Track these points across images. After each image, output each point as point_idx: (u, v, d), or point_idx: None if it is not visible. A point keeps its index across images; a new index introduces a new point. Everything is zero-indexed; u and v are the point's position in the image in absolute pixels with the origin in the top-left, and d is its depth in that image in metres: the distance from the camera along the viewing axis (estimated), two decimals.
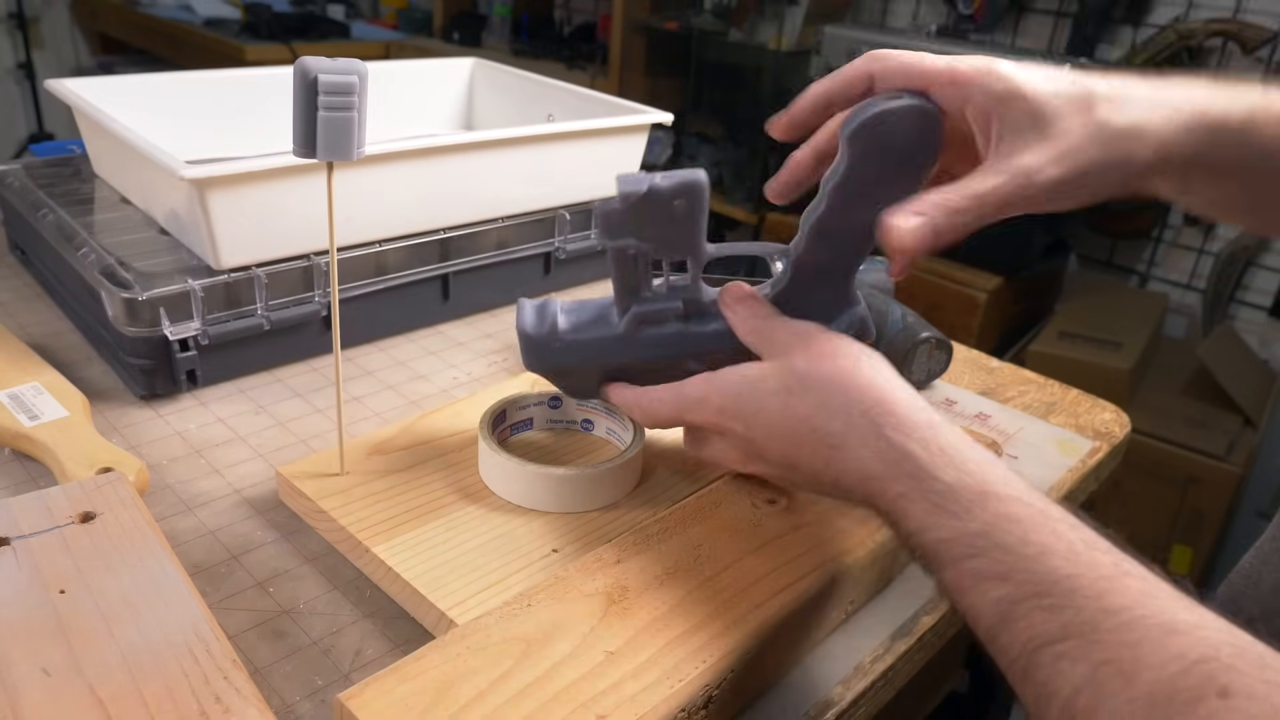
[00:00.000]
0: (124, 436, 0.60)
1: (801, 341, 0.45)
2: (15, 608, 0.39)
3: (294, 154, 0.46)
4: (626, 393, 0.51)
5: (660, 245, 0.48)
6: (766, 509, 0.50)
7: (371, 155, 0.66)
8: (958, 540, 0.36)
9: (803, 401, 0.42)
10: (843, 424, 0.41)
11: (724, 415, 0.45)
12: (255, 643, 0.45)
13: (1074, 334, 1.82)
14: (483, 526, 0.50)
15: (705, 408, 0.46)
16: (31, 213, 0.73)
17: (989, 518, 0.36)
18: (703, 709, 0.40)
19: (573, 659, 0.39)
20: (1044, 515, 0.35)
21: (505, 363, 0.73)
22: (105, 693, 0.36)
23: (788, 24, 2.31)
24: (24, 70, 3.27)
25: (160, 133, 0.67)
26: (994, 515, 0.36)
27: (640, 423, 0.51)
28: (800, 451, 0.43)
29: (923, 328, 0.72)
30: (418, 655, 0.39)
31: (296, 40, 2.69)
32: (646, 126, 0.85)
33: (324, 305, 0.68)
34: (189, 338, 0.62)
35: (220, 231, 0.62)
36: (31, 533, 0.44)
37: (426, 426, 0.58)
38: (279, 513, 0.54)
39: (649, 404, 0.49)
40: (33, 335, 0.70)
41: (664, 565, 0.45)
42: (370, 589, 0.48)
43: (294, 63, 0.44)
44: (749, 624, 0.42)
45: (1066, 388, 0.77)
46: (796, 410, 0.43)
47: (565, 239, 0.83)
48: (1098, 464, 0.68)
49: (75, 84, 0.76)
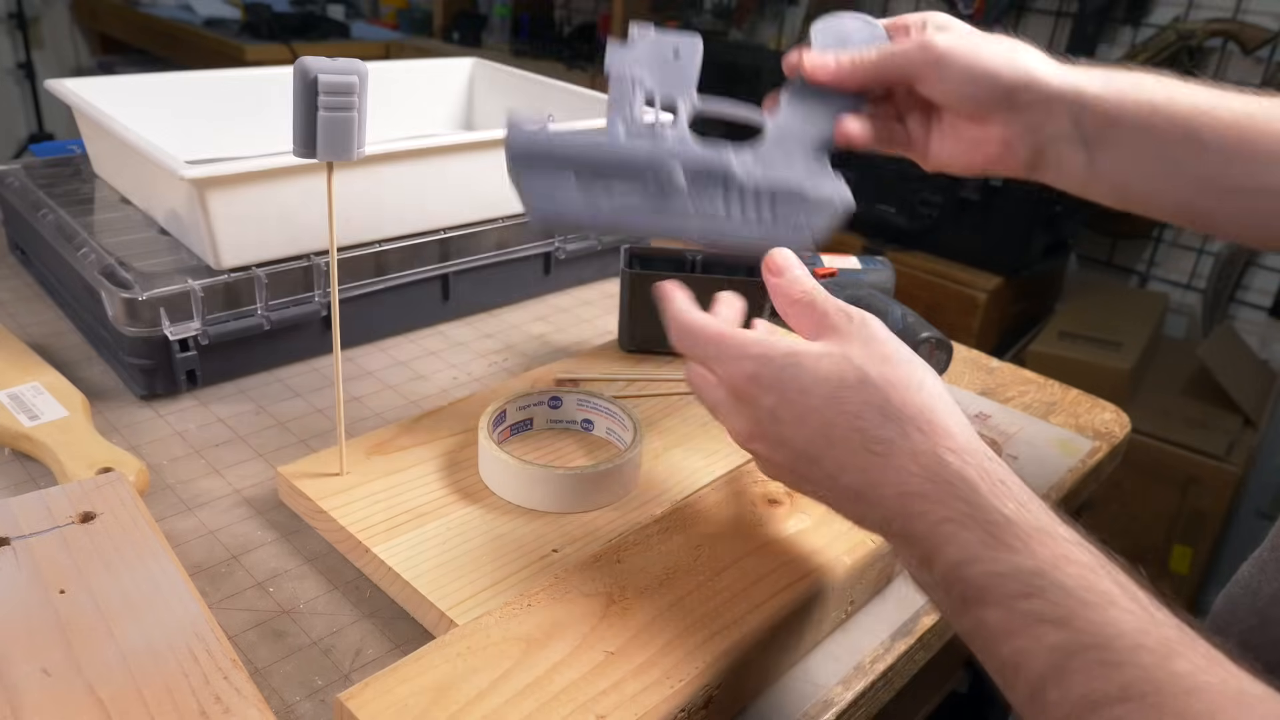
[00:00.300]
0: (124, 436, 0.60)
1: (859, 332, 0.41)
2: (15, 608, 0.39)
3: (294, 154, 0.46)
4: (676, 296, 0.46)
5: (659, 79, 0.52)
6: (766, 509, 0.50)
7: (371, 155, 0.66)
8: (1014, 576, 0.33)
9: (856, 396, 0.39)
10: (895, 433, 0.38)
11: (756, 383, 0.41)
12: (255, 643, 0.45)
13: (1074, 334, 1.82)
14: (483, 526, 0.50)
15: (739, 367, 0.42)
16: (31, 213, 0.73)
17: (1049, 556, 0.33)
18: (702, 709, 0.40)
19: (573, 659, 0.39)
20: (1104, 564, 0.33)
21: (505, 363, 0.73)
22: (105, 693, 0.36)
23: (788, 24, 2.31)
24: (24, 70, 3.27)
25: (160, 133, 0.67)
26: (1054, 555, 0.33)
27: (669, 334, 0.46)
28: (830, 448, 0.39)
29: (923, 328, 0.72)
30: (418, 655, 0.39)
31: (296, 40, 2.69)
32: None
33: (324, 305, 0.68)
34: (189, 338, 0.62)
35: (220, 231, 0.62)
36: (31, 533, 0.44)
37: (426, 426, 0.58)
38: (279, 513, 0.54)
39: (684, 325, 0.45)
40: (33, 335, 0.70)
41: (664, 565, 0.45)
42: (370, 589, 0.48)
43: (294, 63, 0.44)
44: (749, 624, 0.42)
45: (1066, 388, 0.77)
46: (846, 404, 0.39)
47: (565, 239, 0.83)
48: (1098, 464, 0.68)
49: (75, 84, 0.76)
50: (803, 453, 0.41)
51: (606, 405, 0.58)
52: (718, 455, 0.58)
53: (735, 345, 0.43)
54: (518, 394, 0.58)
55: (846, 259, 0.85)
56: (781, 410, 0.41)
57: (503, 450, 0.52)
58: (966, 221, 1.89)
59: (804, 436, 0.40)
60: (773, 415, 0.41)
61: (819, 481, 0.41)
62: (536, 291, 0.84)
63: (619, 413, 0.57)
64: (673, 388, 0.65)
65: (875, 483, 0.38)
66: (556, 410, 0.60)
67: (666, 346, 0.70)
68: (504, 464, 0.51)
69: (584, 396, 0.59)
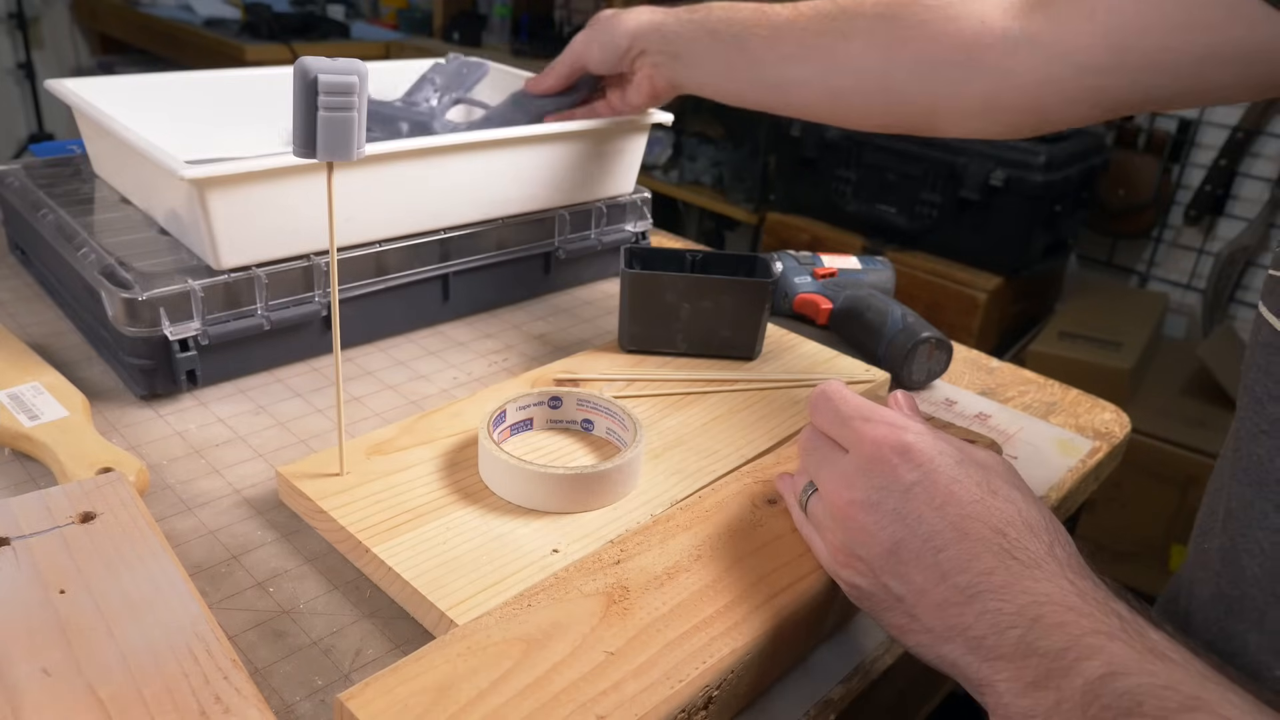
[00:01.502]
0: (124, 436, 0.60)
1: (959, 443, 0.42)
2: (15, 608, 0.39)
3: (294, 154, 0.46)
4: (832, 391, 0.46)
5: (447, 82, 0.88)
6: (767, 509, 0.50)
7: (371, 155, 0.66)
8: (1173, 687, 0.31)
9: (1014, 494, 0.39)
10: (1041, 546, 0.36)
11: (906, 454, 0.40)
12: (255, 643, 0.45)
13: (1074, 334, 1.82)
14: (483, 526, 0.50)
15: (894, 434, 0.41)
16: (31, 213, 0.73)
17: (1200, 668, 0.32)
18: (703, 709, 0.40)
19: (573, 659, 0.39)
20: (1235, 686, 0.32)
21: (505, 363, 0.73)
22: (105, 693, 0.36)
23: None
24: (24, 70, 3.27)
25: (160, 133, 0.67)
26: (1204, 670, 0.32)
27: (813, 400, 0.46)
28: (961, 541, 0.37)
29: (923, 328, 0.72)
30: (418, 655, 0.39)
31: (296, 40, 2.69)
32: (646, 126, 0.85)
33: (324, 305, 0.68)
34: (189, 338, 0.62)
35: (220, 231, 0.62)
36: (31, 533, 0.44)
37: (426, 426, 0.58)
38: (279, 513, 0.54)
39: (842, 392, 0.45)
40: (33, 335, 0.70)
41: (664, 565, 0.45)
42: (370, 589, 0.48)
43: (294, 63, 0.44)
44: (749, 625, 0.42)
45: (1066, 388, 0.77)
46: (996, 506, 0.38)
47: (565, 239, 0.83)
48: (1098, 464, 0.68)
49: (75, 84, 0.76)
50: (923, 537, 0.38)
51: (606, 405, 0.58)
52: (718, 455, 0.58)
53: (899, 416, 0.43)
54: (518, 394, 0.58)
55: (846, 259, 0.85)
56: (920, 489, 0.39)
57: (503, 450, 0.52)
58: (966, 221, 1.89)
59: (935, 521, 0.38)
60: (907, 492, 0.39)
61: (917, 573, 0.38)
62: (536, 291, 0.84)
63: (619, 413, 0.57)
64: (673, 388, 0.65)
65: (1003, 586, 0.35)
66: (556, 410, 0.60)
67: (666, 346, 0.70)
68: (504, 464, 0.51)
69: (584, 396, 0.59)
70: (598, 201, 0.85)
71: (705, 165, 2.49)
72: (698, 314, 0.69)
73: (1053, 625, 0.33)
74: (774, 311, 0.82)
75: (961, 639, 0.36)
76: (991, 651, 0.35)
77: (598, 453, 0.58)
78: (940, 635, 0.37)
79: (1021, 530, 0.37)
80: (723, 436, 0.60)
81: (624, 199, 0.87)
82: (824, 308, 0.81)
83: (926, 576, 0.37)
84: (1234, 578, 0.44)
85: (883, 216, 2.01)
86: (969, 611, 0.36)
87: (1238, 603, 0.44)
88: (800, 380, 0.68)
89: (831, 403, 0.45)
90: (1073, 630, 0.33)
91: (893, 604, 0.39)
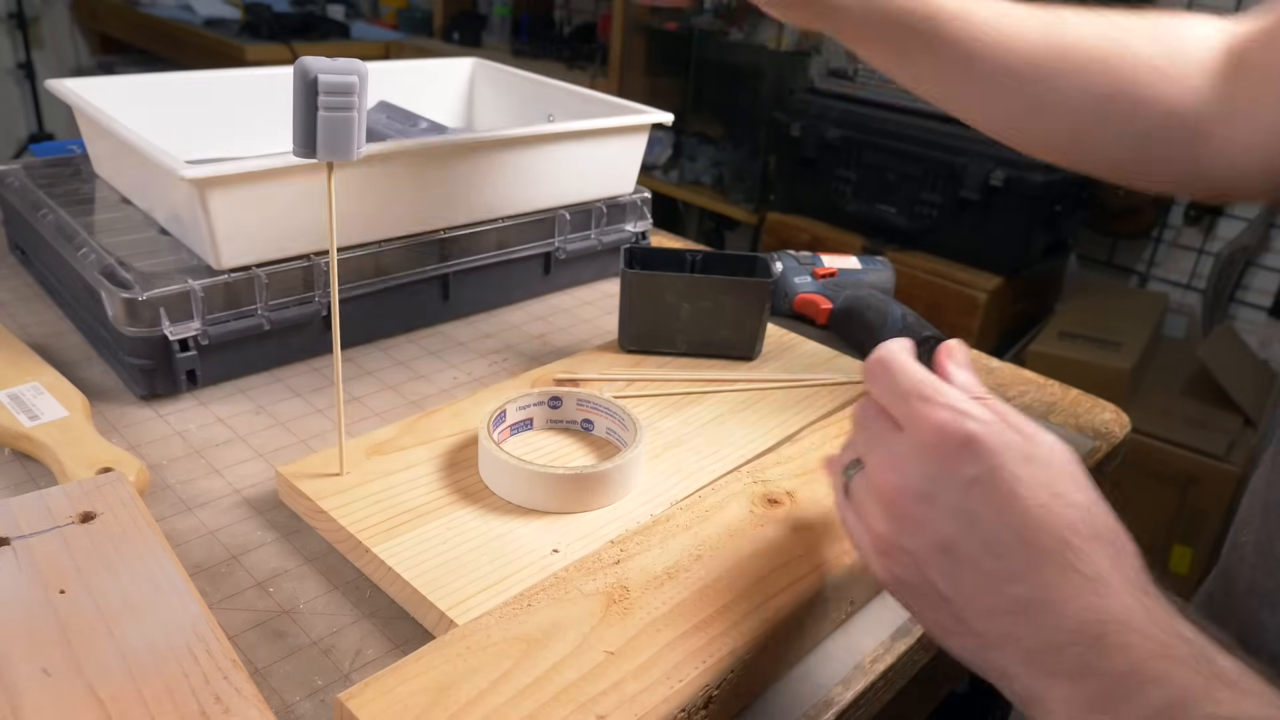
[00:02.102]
0: (124, 436, 0.60)
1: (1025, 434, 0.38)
2: (15, 608, 0.39)
3: (294, 154, 0.46)
4: None
5: None
6: (766, 509, 0.50)
7: (371, 155, 0.66)
8: None
9: (1080, 498, 0.35)
10: (1108, 558, 0.34)
11: (971, 445, 0.35)
12: (255, 643, 0.45)
13: (1074, 334, 1.82)
14: (483, 526, 0.50)
15: (959, 423, 0.36)
16: (31, 213, 0.73)
17: (1275, 697, 0.30)
18: (703, 709, 0.40)
19: (573, 659, 0.39)
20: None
21: (505, 363, 0.73)
22: (105, 693, 0.36)
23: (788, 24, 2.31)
24: (24, 70, 3.27)
25: (160, 133, 0.67)
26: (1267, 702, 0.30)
27: (868, 363, 0.41)
28: (1022, 548, 0.34)
29: (923, 328, 0.72)
30: (418, 655, 0.39)
31: (296, 40, 2.69)
32: (647, 126, 0.85)
33: (324, 305, 0.68)
34: (189, 338, 0.62)
35: (220, 231, 0.62)
36: (31, 533, 0.44)
37: (426, 426, 0.58)
38: (279, 513, 0.54)
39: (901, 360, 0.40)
40: (33, 335, 0.70)
41: (664, 565, 0.45)
42: (370, 589, 0.48)
43: (294, 63, 0.44)
44: (749, 624, 0.42)
45: (1066, 388, 0.77)
46: (1065, 507, 0.34)
47: (565, 239, 0.83)
48: (1098, 464, 0.68)
49: (75, 84, 0.76)
50: (980, 539, 0.34)
51: (606, 405, 0.58)
52: (718, 455, 0.58)
53: (963, 397, 0.38)
54: (518, 394, 0.58)
55: (846, 259, 0.85)
56: (980, 487, 0.35)
57: (503, 450, 0.52)
58: (966, 221, 1.89)
59: (994, 523, 0.34)
60: (967, 488, 0.35)
61: (970, 576, 0.35)
62: (536, 291, 0.84)
63: (619, 413, 0.57)
64: (673, 388, 0.65)
65: (1063, 600, 0.33)
66: (556, 410, 0.60)
67: (666, 347, 0.70)
68: (504, 464, 0.51)
69: (584, 396, 0.59)
70: (598, 201, 0.85)
71: (705, 165, 2.49)
72: (698, 314, 0.69)
73: (1116, 646, 0.31)
74: (774, 311, 0.82)
75: (1015, 649, 0.34)
76: (1047, 667, 0.33)
77: (598, 453, 0.58)
78: (990, 642, 0.35)
79: (1087, 539, 0.34)
80: (723, 436, 0.60)
81: (624, 199, 0.87)
82: (824, 308, 0.81)
83: (980, 581, 0.35)
84: (1270, 570, 0.44)
85: (883, 216, 2.01)
86: (1024, 622, 0.34)
87: (1272, 595, 0.44)
88: (800, 380, 0.68)
89: (889, 371, 0.40)
90: (1137, 654, 0.31)
91: (938, 603, 0.36)
